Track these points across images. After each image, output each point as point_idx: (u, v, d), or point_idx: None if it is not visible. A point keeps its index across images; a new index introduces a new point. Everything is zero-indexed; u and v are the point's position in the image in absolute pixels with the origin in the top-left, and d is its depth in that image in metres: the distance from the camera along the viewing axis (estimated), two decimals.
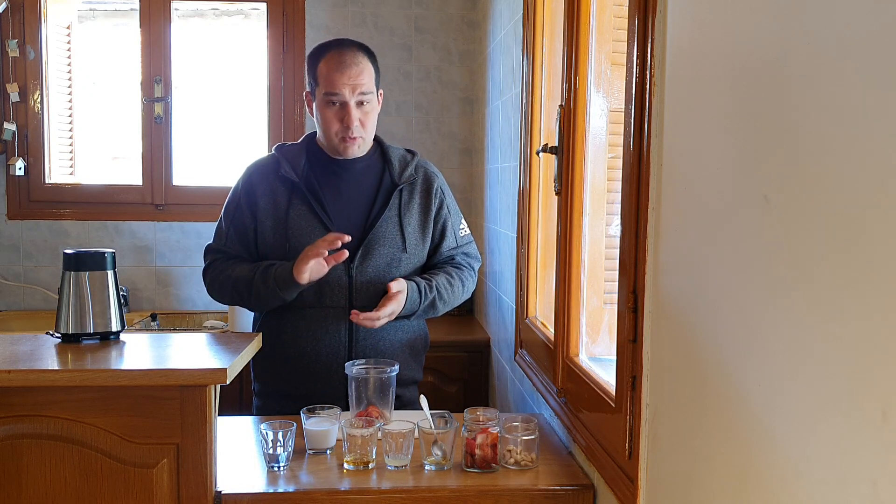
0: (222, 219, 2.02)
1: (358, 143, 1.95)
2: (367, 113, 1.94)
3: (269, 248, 1.96)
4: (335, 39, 2.00)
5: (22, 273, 3.45)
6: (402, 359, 2.00)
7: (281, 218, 1.95)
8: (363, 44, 1.99)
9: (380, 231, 1.96)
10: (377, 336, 1.98)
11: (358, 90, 1.90)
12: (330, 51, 1.94)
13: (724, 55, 0.97)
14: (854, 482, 0.69)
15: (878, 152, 0.66)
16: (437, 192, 2.05)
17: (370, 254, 1.94)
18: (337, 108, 1.92)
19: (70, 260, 1.61)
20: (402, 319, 1.99)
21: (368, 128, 1.96)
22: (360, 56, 1.94)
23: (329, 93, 1.91)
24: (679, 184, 1.10)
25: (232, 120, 4.10)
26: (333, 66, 1.91)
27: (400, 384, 1.98)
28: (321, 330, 1.95)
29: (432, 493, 1.52)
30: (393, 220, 1.98)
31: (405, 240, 1.97)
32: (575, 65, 1.70)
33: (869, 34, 0.68)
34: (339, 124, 1.92)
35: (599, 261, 1.75)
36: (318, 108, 1.95)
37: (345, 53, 1.93)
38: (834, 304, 0.72)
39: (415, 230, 2.00)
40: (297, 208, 1.95)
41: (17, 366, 1.43)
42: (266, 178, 1.99)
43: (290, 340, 1.97)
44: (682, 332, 1.09)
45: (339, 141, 1.94)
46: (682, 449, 1.09)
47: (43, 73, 3.42)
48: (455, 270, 2.05)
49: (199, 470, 1.45)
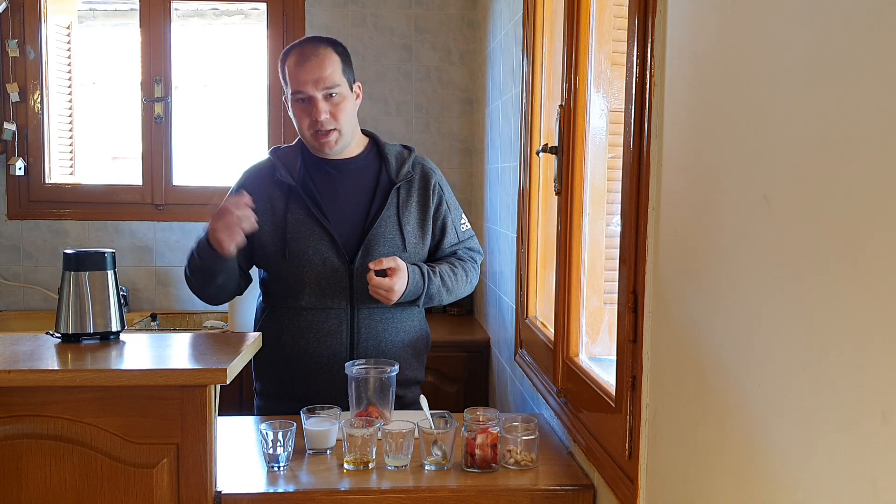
0: None
1: (333, 136, 1.91)
2: (336, 104, 1.90)
3: (268, 252, 1.95)
4: (300, 39, 1.98)
5: (22, 273, 3.45)
6: (404, 359, 1.99)
7: (279, 222, 1.94)
8: (331, 38, 1.96)
9: (379, 231, 1.95)
10: (379, 336, 1.97)
11: (322, 84, 1.87)
12: (294, 49, 1.93)
13: (723, 55, 0.97)
14: (854, 482, 0.69)
15: (879, 152, 0.66)
16: (435, 188, 2.03)
17: (370, 254, 1.93)
18: (305, 105, 1.90)
19: (70, 260, 1.61)
20: (404, 306, 1.97)
21: (342, 119, 1.91)
22: (322, 48, 1.90)
23: (295, 91, 1.89)
24: (679, 184, 1.10)
25: (232, 120, 4.11)
26: (294, 63, 1.90)
27: (402, 385, 1.97)
28: (323, 330, 1.95)
29: (432, 493, 1.52)
30: (391, 219, 1.97)
31: (405, 238, 1.96)
32: (575, 65, 1.70)
33: (869, 34, 0.68)
34: (308, 119, 1.90)
35: (599, 261, 1.75)
36: (292, 109, 1.93)
37: (305, 48, 1.91)
38: (834, 304, 0.72)
39: (414, 228, 1.99)
40: (294, 212, 1.94)
41: (17, 366, 1.43)
42: (262, 182, 1.98)
43: (291, 341, 1.96)
44: (682, 332, 1.09)
45: (312, 137, 1.92)
46: (682, 449, 1.09)
47: (43, 73, 3.41)
48: (458, 261, 2.04)
49: (199, 470, 1.45)
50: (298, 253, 1.91)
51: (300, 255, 1.92)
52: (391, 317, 1.99)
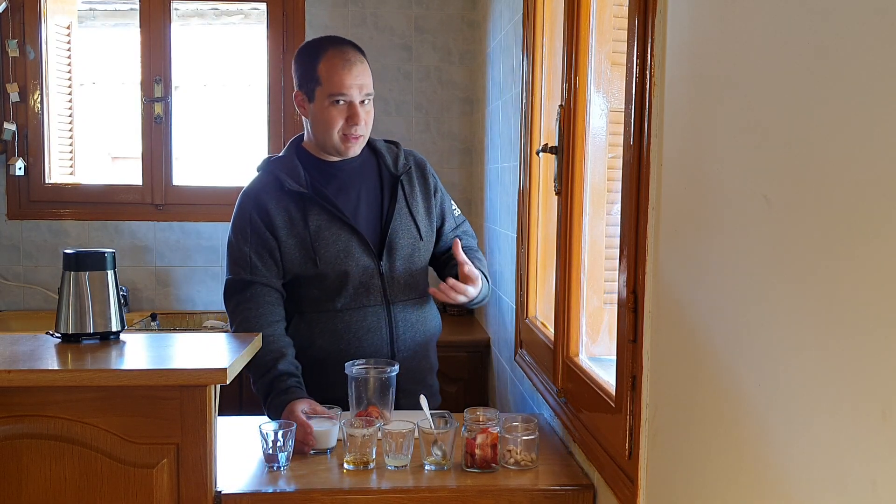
0: (237, 247, 1.92)
1: (360, 141, 1.96)
2: (368, 112, 1.94)
3: (297, 265, 1.91)
4: (327, 37, 1.98)
5: (22, 273, 3.45)
6: (432, 347, 2.08)
7: (302, 233, 1.91)
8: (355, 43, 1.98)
9: (396, 224, 1.98)
10: (415, 328, 2.01)
11: (364, 90, 1.91)
12: (329, 49, 1.92)
13: (723, 55, 0.97)
14: (854, 482, 0.69)
15: (879, 152, 0.66)
16: (430, 176, 2.09)
17: (394, 248, 1.96)
18: (343, 108, 1.90)
19: (70, 260, 1.60)
20: (427, 297, 2.04)
21: (369, 127, 1.97)
22: (361, 56, 1.94)
23: (336, 93, 1.89)
24: (679, 184, 1.10)
25: (232, 120, 4.11)
26: (339, 65, 1.89)
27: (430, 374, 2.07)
28: (362, 329, 1.94)
29: (432, 493, 1.52)
30: (404, 211, 2.00)
31: (419, 228, 2.01)
32: (575, 65, 1.70)
33: (869, 33, 0.68)
34: (343, 122, 1.91)
35: (599, 261, 1.75)
36: (320, 108, 1.92)
37: (347, 52, 1.92)
38: (834, 304, 0.72)
39: (423, 217, 2.04)
40: (314, 219, 1.92)
41: (17, 366, 1.43)
42: (273, 196, 1.94)
43: (327, 344, 1.93)
44: (682, 332, 1.09)
45: (341, 139, 1.92)
46: (682, 449, 1.09)
47: (43, 73, 3.41)
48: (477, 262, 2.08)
49: (198, 470, 1.45)
50: (329, 258, 1.90)
51: (332, 260, 1.91)
52: (420, 307, 2.03)
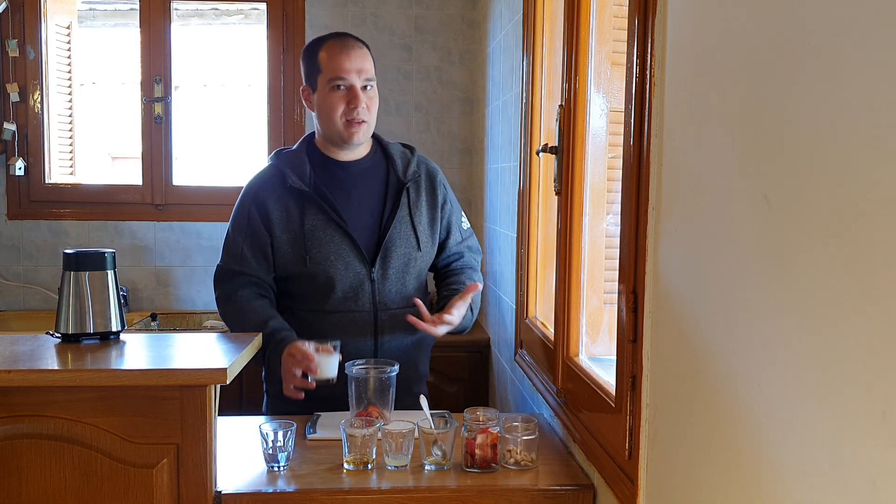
0: (232, 238, 1.96)
1: (364, 127, 1.94)
2: (370, 98, 1.94)
3: (288, 262, 1.93)
4: (331, 33, 2.01)
5: (22, 273, 3.45)
6: (421, 356, 2.05)
7: (297, 230, 1.93)
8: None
9: (395, 232, 1.96)
10: (402, 337, 1.99)
11: (364, 74, 1.92)
12: (329, 39, 1.96)
13: (723, 54, 0.97)
14: (854, 482, 0.69)
15: (879, 152, 0.66)
16: (440, 186, 2.06)
17: (388, 256, 1.95)
18: (343, 92, 1.91)
19: (70, 260, 1.60)
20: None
21: (373, 114, 1.96)
22: (361, 43, 1.97)
23: (335, 77, 1.90)
24: (679, 184, 1.10)
25: (232, 120, 4.11)
26: (337, 50, 1.92)
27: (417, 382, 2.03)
28: (347, 333, 1.94)
29: (432, 493, 1.52)
30: (405, 219, 1.98)
31: (418, 238, 1.99)
32: (575, 65, 1.70)
33: (869, 33, 0.68)
34: (345, 106, 1.91)
35: (599, 261, 1.75)
36: (322, 96, 1.93)
37: (347, 40, 1.95)
38: (834, 304, 0.72)
39: (425, 228, 2.01)
40: (311, 219, 1.93)
41: (17, 366, 1.43)
42: (274, 190, 1.95)
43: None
44: (682, 332, 1.09)
45: (344, 125, 1.92)
46: (682, 449, 1.09)
47: (43, 73, 3.41)
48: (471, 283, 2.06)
49: (199, 470, 1.45)
50: (320, 259, 1.90)
51: (322, 262, 1.91)
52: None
